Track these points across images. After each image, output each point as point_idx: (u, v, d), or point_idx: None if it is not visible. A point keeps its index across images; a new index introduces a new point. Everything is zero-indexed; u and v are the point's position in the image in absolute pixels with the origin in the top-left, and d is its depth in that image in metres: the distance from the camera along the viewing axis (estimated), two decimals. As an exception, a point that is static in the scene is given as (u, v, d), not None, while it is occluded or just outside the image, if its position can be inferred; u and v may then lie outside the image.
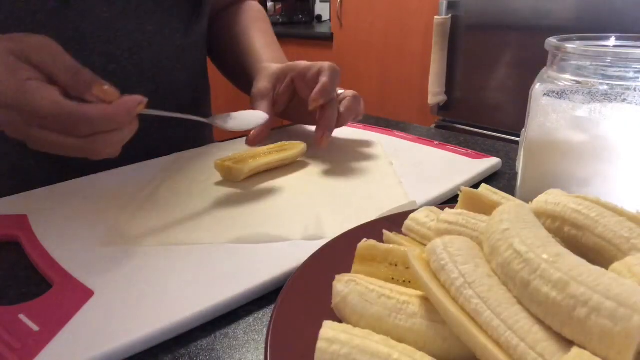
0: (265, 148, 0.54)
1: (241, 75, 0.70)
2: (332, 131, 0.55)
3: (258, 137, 0.57)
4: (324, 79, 0.53)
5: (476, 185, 0.43)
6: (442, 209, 0.32)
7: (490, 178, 0.55)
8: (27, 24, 0.41)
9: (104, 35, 0.56)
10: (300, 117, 0.66)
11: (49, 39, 0.40)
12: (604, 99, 0.38)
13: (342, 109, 0.57)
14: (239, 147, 0.57)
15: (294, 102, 0.61)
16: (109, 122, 0.39)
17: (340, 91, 0.57)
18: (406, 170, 0.54)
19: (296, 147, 0.56)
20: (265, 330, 0.31)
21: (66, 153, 0.40)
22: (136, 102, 0.40)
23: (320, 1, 2.94)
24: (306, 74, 0.56)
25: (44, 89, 0.38)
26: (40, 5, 0.51)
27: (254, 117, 0.52)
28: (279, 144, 0.56)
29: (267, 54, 0.67)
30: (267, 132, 0.59)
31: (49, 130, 0.39)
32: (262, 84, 0.59)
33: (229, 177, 0.51)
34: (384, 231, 0.34)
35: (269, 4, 2.74)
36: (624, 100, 0.37)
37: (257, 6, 0.79)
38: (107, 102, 0.39)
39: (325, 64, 0.55)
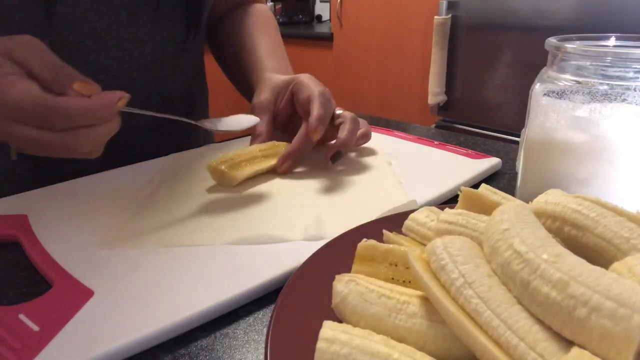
0: (256, 149, 0.54)
1: (244, 82, 0.68)
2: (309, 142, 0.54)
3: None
4: (315, 106, 0.52)
5: (476, 185, 0.43)
6: (442, 209, 0.32)
7: (490, 178, 0.55)
8: (14, 34, 0.41)
9: (92, 44, 0.55)
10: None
11: (35, 38, 0.40)
12: (604, 99, 0.38)
13: (345, 133, 0.53)
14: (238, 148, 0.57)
15: (294, 117, 0.60)
16: (87, 115, 0.38)
17: (338, 111, 0.56)
18: (406, 170, 0.54)
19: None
20: (265, 330, 0.31)
21: (46, 151, 0.39)
22: (116, 97, 0.39)
23: (320, 1, 2.94)
24: (299, 93, 0.55)
25: (22, 82, 0.37)
26: (27, 16, 0.51)
27: (245, 120, 0.51)
28: (269, 143, 0.55)
29: (271, 63, 0.66)
30: (270, 138, 0.58)
31: (27, 125, 0.38)
32: (263, 95, 0.58)
33: (221, 181, 0.51)
34: (384, 231, 0.34)
35: (269, 4, 2.74)
36: (624, 100, 0.37)
37: (265, 9, 0.77)
38: (87, 97, 0.38)
39: (315, 92, 0.53)
